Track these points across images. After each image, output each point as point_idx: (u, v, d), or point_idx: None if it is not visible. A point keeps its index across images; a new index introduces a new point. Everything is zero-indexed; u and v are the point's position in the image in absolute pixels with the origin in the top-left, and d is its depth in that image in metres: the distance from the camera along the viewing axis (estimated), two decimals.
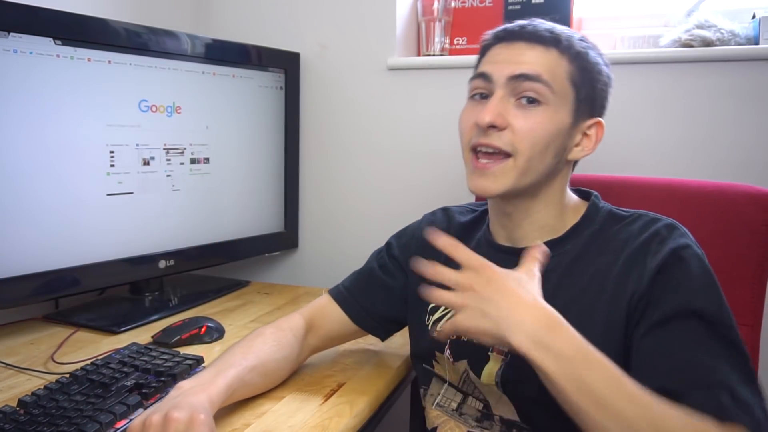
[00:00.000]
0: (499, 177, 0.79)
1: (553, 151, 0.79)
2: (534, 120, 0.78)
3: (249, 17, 1.55)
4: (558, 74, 0.79)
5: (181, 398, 0.71)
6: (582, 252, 0.81)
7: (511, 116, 0.78)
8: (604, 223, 0.82)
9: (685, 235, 0.76)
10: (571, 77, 0.79)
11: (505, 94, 0.79)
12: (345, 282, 1.00)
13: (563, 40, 0.80)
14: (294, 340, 0.90)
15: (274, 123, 1.47)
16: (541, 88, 0.77)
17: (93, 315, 1.20)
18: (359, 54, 1.46)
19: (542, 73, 0.78)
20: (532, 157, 0.78)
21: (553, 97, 0.78)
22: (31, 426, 0.73)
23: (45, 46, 1.03)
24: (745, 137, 1.18)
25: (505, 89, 0.79)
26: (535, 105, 0.78)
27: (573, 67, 0.79)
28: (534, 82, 0.77)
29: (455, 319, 0.68)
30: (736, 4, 1.28)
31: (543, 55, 0.79)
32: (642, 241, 0.77)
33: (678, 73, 1.21)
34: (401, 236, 1.01)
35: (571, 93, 0.79)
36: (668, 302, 0.72)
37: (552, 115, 0.78)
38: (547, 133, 0.78)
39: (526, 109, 0.78)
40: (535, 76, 0.77)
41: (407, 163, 1.44)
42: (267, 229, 1.49)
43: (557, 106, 0.79)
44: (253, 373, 0.82)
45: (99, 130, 1.13)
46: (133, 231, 1.20)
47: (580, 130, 0.82)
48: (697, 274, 0.73)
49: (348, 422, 0.82)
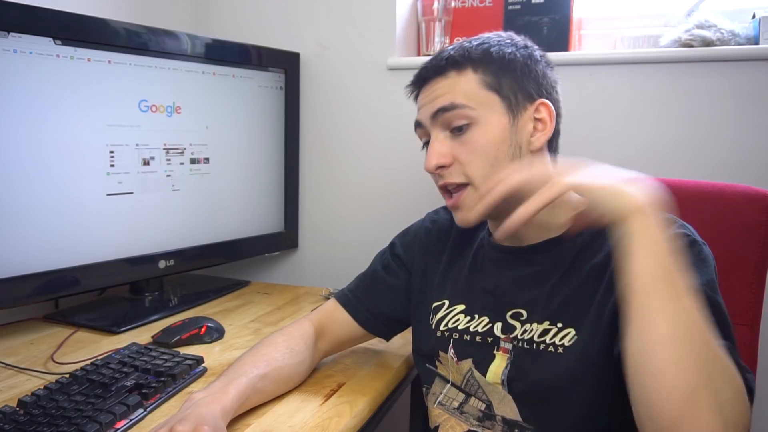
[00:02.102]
0: (469, 206, 0.81)
1: (505, 157, 0.80)
2: (471, 143, 0.80)
3: (249, 17, 1.55)
4: (469, 90, 0.80)
5: (191, 410, 0.71)
6: (581, 250, 0.81)
7: (453, 148, 0.81)
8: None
9: (683, 227, 0.76)
10: (485, 83, 0.80)
11: (438, 132, 0.82)
12: (350, 286, 1.01)
13: (457, 58, 0.81)
14: (305, 347, 0.91)
15: (274, 123, 1.47)
16: (460, 113, 0.80)
17: (93, 315, 1.20)
18: (359, 54, 1.46)
19: (453, 99, 0.80)
20: (486, 175, 0.79)
21: (476, 113, 0.80)
22: (31, 426, 0.73)
23: (45, 46, 1.03)
24: (745, 138, 1.18)
25: (436, 128, 0.82)
26: (465, 129, 0.80)
27: (479, 75, 0.81)
28: (452, 111, 0.80)
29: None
30: (736, 4, 1.28)
31: (447, 83, 0.81)
32: None
33: (678, 73, 1.21)
34: (404, 235, 1.02)
35: (492, 97, 0.80)
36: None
37: (485, 128, 0.80)
38: (489, 147, 0.79)
39: (461, 137, 0.81)
40: (449, 106, 0.80)
41: (407, 162, 1.44)
42: (267, 229, 1.49)
43: (485, 117, 0.80)
44: (265, 381, 0.82)
45: (99, 130, 1.13)
46: (133, 231, 1.20)
47: (527, 119, 0.81)
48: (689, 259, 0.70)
49: (348, 422, 0.82)
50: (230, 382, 0.78)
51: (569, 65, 1.27)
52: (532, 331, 0.80)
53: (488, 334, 0.84)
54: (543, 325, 0.79)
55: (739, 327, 0.93)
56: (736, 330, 0.91)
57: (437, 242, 0.96)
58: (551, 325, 0.79)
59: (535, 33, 1.32)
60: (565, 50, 1.32)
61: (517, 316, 0.82)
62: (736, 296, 0.93)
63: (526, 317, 0.81)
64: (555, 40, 1.32)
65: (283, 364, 0.86)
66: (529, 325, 0.81)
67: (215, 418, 0.70)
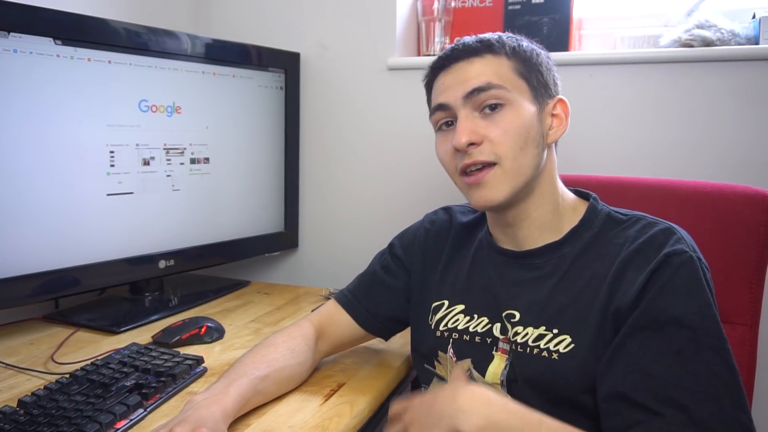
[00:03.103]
0: (495, 185, 0.80)
1: (532, 141, 0.80)
2: (504, 122, 0.79)
3: (249, 17, 1.55)
4: (504, 73, 0.81)
5: (191, 412, 0.71)
6: (579, 255, 0.81)
7: (483, 128, 0.80)
8: (602, 227, 0.82)
9: (681, 240, 0.75)
10: (517, 71, 0.81)
11: (468, 112, 0.81)
12: (349, 286, 1.01)
13: (494, 42, 0.82)
14: (306, 348, 0.91)
15: (274, 123, 1.47)
16: (496, 93, 0.79)
17: (93, 315, 1.20)
18: (359, 54, 1.46)
19: (491, 79, 0.80)
20: (515, 156, 0.79)
21: (510, 95, 0.80)
22: (31, 426, 0.73)
23: (45, 46, 1.03)
24: (745, 137, 1.18)
25: (465, 108, 0.81)
26: (498, 109, 0.80)
27: (513, 62, 0.82)
28: (487, 91, 0.79)
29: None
30: (736, 4, 1.28)
31: (483, 64, 0.81)
32: (637, 247, 0.76)
33: (678, 73, 1.21)
34: (403, 236, 1.02)
35: (523, 84, 0.81)
36: (648, 307, 0.71)
37: (518, 111, 0.80)
38: (521, 128, 0.79)
39: (493, 116, 0.80)
40: (485, 86, 0.79)
41: (407, 162, 1.44)
42: (267, 229, 1.49)
43: (518, 101, 0.80)
44: (266, 382, 0.82)
45: (99, 130, 1.13)
46: (133, 231, 1.20)
47: (547, 113, 0.84)
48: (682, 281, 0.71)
49: (348, 422, 0.82)
50: (231, 383, 0.78)
51: (569, 65, 1.27)
52: (527, 335, 0.80)
53: (487, 335, 0.84)
54: (539, 329, 0.79)
55: (738, 327, 0.93)
56: (736, 330, 0.92)
57: (436, 243, 0.96)
58: (547, 330, 0.79)
59: (535, 33, 1.32)
60: (565, 50, 1.32)
61: (510, 318, 0.82)
62: (735, 296, 0.93)
63: (518, 319, 0.81)
64: (555, 40, 1.32)
65: (284, 365, 0.86)
66: (522, 328, 0.80)
67: (215, 420, 0.70)
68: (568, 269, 0.81)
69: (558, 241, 0.83)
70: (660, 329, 0.69)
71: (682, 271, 0.72)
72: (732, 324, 0.93)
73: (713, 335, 0.69)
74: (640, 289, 0.72)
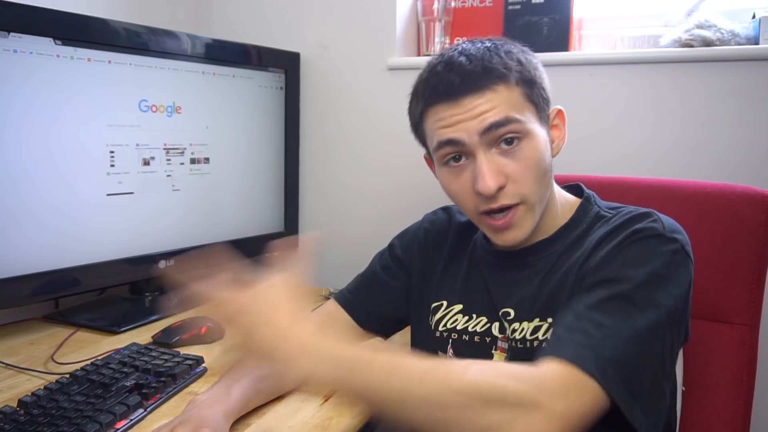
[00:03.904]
0: (522, 224, 0.78)
1: (547, 168, 0.79)
2: (524, 158, 0.76)
3: (249, 17, 1.55)
4: (517, 104, 0.76)
5: (193, 412, 0.71)
6: (566, 250, 0.82)
7: (504, 167, 0.76)
8: (590, 225, 0.83)
9: (656, 222, 0.74)
10: (527, 97, 0.77)
11: (486, 150, 0.76)
12: (349, 287, 1.01)
13: (501, 70, 0.76)
14: None
15: (274, 123, 1.47)
16: (514, 127, 0.75)
17: (93, 315, 1.20)
18: (359, 54, 1.46)
19: (508, 113, 0.75)
20: (537, 190, 0.78)
21: (526, 127, 0.76)
22: (31, 426, 0.73)
23: (45, 46, 1.03)
24: (745, 138, 1.18)
25: (482, 146, 0.75)
26: (516, 143, 0.76)
27: (522, 87, 0.77)
28: (506, 126, 0.75)
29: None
30: (736, 4, 1.28)
31: (495, 96, 0.75)
32: (610, 228, 0.76)
33: (678, 73, 1.21)
34: (403, 236, 1.01)
35: (533, 108, 0.78)
36: (594, 271, 0.72)
37: (535, 142, 0.77)
38: (539, 160, 0.77)
39: (512, 152, 0.76)
40: (504, 120, 0.74)
41: (407, 162, 1.44)
42: (267, 229, 1.49)
43: (532, 129, 0.77)
44: (267, 381, 0.82)
45: (99, 130, 1.13)
46: (133, 231, 1.20)
47: (550, 126, 0.83)
48: (639, 249, 0.71)
49: (348, 422, 0.82)
50: (233, 383, 0.78)
51: (569, 65, 1.27)
52: (523, 330, 0.80)
53: (486, 334, 0.84)
54: (533, 322, 0.79)
55: (738, 327, 0.93)
56: (736, 330, 0.92)
57: (436, 243, 0.96)
58: (541, 321, 0.79)
59: (535, 33, 1.32)
60: (565, 50, 1.32)
61: (505, 316, 0.82)
62: (735, 296, 0.93)
63: (513, 316, 0.82)
64: (555, 40, 1.32)
65: None
66: (518, 324, 0.81)
67: (218, 420, 0.70)
68: (555, 262, 0.81)
69: (548, 238, 0.84)
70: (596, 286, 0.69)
71: (645, 242, 0.71)
72: (732, 324, 0.93)
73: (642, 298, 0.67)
74: (603, 256, 0.72)
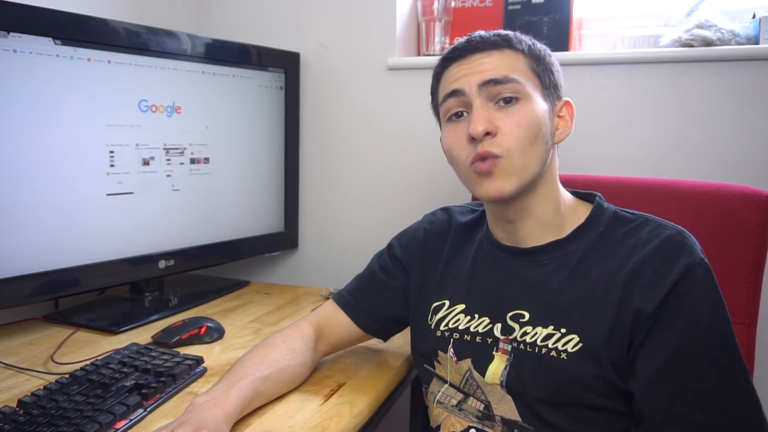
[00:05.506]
0: (505, 177, 0.79)
1: (542, 138, 0.81)
2: (518, 116, 0.79)
3: (249, 17, 1.55)
4: (520, 69, 0.81)
5: (193, 414, 0.71)
6: (586, 253, 0.81)
7: (497, 119, 0.79)
8: (608, 225, 0.82)
9: (695, 248, 0.76)
10: (532, 68, 0.82)
11: (483, 102, 0.80)
12: (348, 287, 1.01)
13: (512, 38, 0.83)
14: (306, 348, 0.91)
15: (274, 123, 1.47)
16: (512, 87, 0.80)
17: (93, 315, 1.20)
18: (359, 54, 1.46)
19: (508, 72, 0.80)
20: (524, 151, 0.79)
21: (526, 90, 0.80)
22: (30, 426, 0.73)
23: (45, 46, 1.03)
24: (745, 137, 1.18)
25: (480, 97, 0.80)
26: (513, 103, 0.80)
27: (529, 59, 0.82)
28: (504, 84, 0.80)
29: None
30: (736, 4, 1.28)
31: (501, 57, 0.81)
32: (651, 250, 0.76)
33: (678, 73, 1.21)
34: (402, 237, 1.02)
35: (537, 82, 0.82)
36: (676, 325, 0.73)
37: (532, 106, 0.80)
38: (534, 123, 0.80)
39: (508, 109, 0.80)
40: (502, 78, 0.80)
41: (407, 163, 1.44)
42: (267, 229, 1.49)
43: (532, 97, 0.81)
44: (267, 383, 0.82)
45: (99, 130, 1.13)
46: (133, 231, 1.20)
47: (555, 113, 0.85)
48: (707, 292, 0.74)
49: (348, 422, 0.82)
50: (232, 385, 0.78)
51: (569, 65, 1.26)
52: (536, 334, 0.80)
53: (488, 335, 0.84)
54: (547, 329, 0.79)
55: (736, 326, 0.92)
56: (734, 329, 0.92)
57: (435, 243, 0.96)
58: (555, 330, 0.78)
59: (535, 33, 1.30)
60: (565, 50, 1.32)
61: (518, 318, 0.82)
62: (733, 296, 0.93)
63: (527, 319, 0.81)
64: (555, 40, 1.32)
65: (284, 366, 0.86)
66: (531, 328, 0.80)
67: (218, 422, 0.70)
68: (575, 267, 0.81)
69: (562, 239, 0.83)
70: (696, 340, 0.73)
71: (705, 283, 0.75)
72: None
73: (732, 340, 0.75)
74: (663, 297, 0.73)
